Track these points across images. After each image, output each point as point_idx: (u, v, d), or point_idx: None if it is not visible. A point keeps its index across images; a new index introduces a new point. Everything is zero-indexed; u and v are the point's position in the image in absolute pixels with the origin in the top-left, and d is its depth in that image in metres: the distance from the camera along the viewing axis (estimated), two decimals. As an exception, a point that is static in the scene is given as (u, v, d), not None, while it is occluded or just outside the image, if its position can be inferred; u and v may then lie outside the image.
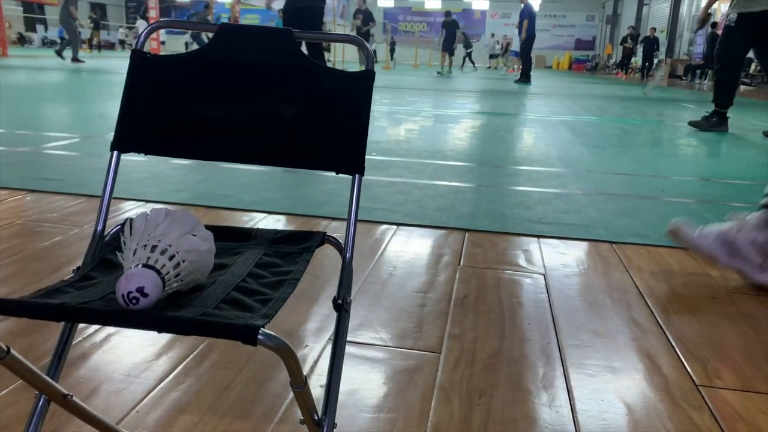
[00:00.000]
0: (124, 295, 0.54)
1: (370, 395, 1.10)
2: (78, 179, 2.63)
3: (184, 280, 0.61)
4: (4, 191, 2.40)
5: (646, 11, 28.81)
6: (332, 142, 0.83)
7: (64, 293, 0.63)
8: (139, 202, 2.33)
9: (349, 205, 0.83)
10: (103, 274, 0.70)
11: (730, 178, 3.24)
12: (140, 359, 1.19)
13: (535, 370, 1.21)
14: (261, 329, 0.52)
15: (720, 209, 2.52)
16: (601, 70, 29.75)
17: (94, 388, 1.09)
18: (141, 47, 0.86)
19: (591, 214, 2.38)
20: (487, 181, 2.92)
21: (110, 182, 0.82)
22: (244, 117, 0.82)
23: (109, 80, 8.94)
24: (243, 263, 0.73)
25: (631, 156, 3.84)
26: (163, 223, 0.60)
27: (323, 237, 0.83)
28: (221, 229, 0.83)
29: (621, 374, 1.21)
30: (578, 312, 1.49)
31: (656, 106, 8.36)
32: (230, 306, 0.61)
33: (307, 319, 1.40)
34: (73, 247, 1.80)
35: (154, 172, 2.81)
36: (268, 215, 2.22)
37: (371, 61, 0.84)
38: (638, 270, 1.80)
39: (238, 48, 0.84)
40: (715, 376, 1.21)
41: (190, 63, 0.85)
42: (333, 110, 0.83)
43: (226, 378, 1.14)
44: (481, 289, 1.61)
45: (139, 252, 0.58)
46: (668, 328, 1.42)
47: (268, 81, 0.83)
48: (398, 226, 2.14)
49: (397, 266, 1.76)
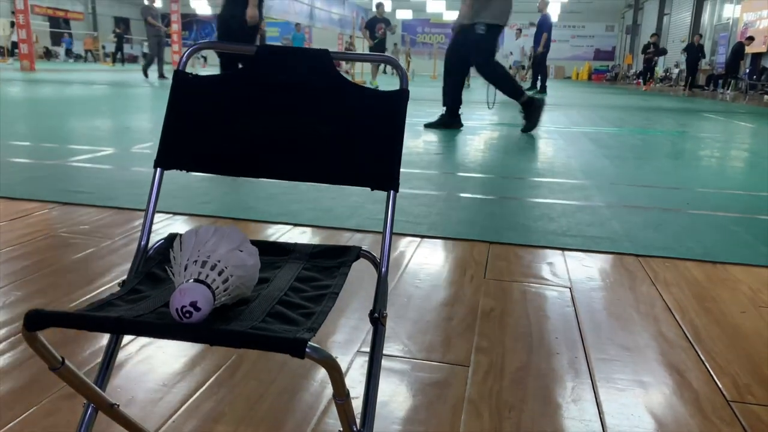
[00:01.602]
0: (178, 309, 0.56)
1: (400, 408, 1.12)
2: (107, 192, 2.69)
3: (232, 294, 0.63)
4: (35, 204, 2.46)
5: (667, 21, 28.61)
6: (368, 160, 0.85)
7: (116, 306, 0.66)
8: (167, 214, 2.37)
9: (384, 220, 0.85)
10: (150, 288, 0.72)
11: (756, 190, 3.21)
12: (174, 370, 1.22)
13: (563, 384, 1.22)
14: (308, 342, 0.54)
15: (748, 222, 2.50)
16: (621, 80, 29.56)
17: (131, 398, 1.12)
18: (183, 68, 0.89)
19: (615, 226, 2.37)
20: (510, 194, 2.93)
21: (153, 198, 0.85)
22: (283, 135, 0.85)
23: (134, 93, 9.11)
24: (284, 277, 0.76)
25: (654, 167, 3.81)
26: (212, 239, 0.63)
27: (359, 252, 0.85)
28: (262, 244, 0.85)
29: (650, 389, 1.21)
30: (605, 326, 1.49)
31: (678, 116, 8.29)
32: (275, 319, 0.63)
33: (336, 330, 1.42)
34: (105, 259, 1.84)
35: (182, 184, 2.86)
36: (294, 227, 2.25)
37: (405, 81, 0.86)
38: (665, 283, 1.79)
39: (276, 68, 0.87)
40: (746, 392, 1.21)
41: (231, 83, 0.88)
42: (368, 128, 0.85)
43: (259, 389, 1.16)
44: (507, 302, 1.62)
45: (190, 267, 0.60)
46: (697, 342, 1.42)
47: (306, 100, 0.86)
48: (422, 239, 2.16)
49: (423, 279, 1.77)
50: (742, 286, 1.79)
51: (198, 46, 0.91)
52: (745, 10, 20.36)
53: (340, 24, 30.62)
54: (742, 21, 20.34)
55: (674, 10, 28.04)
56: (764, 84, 17.52)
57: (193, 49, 0.92)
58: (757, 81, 17.91)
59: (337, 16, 30.03)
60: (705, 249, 2.12)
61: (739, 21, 20.74)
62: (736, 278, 1.85)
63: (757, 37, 18.31)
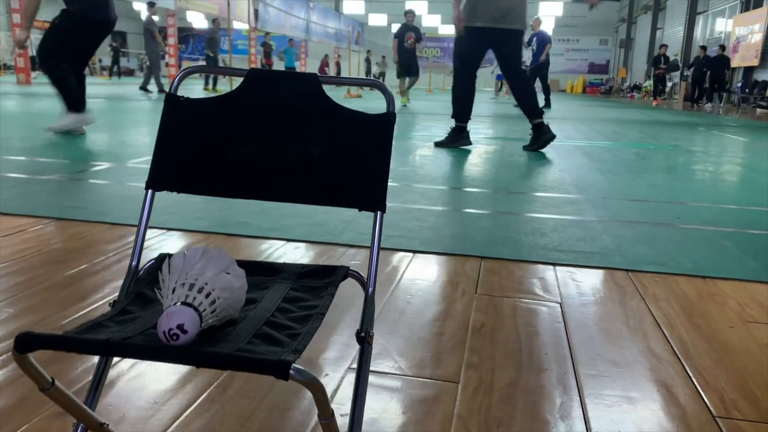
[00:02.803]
0: (165, 332, 0.57)
1: (390, 425, 1.12)
2: (102, 207, 2.70)
3: (219, 316, 0.65)
4: (29, 219, 2.47)
5: (660, 35, 28.90)
6: (355, 181, 0.87)
7: (106, 327, 0.67)
8: (161, 230, 2.39)
9: (371, 241, 0.86)
10: (140, 309, 0.74)
11: (747, 204, 3.24)
12: (166, 387, 1.23)
13: (552, 400, 1.23)
14: (292, 365, 0.55)
15: (738, 236, 2.52)
16: (615, 93, 29.78)
17: (122, 416, 1.12)
18: (174, 91, 0.91)
19: (606, 241, 2.39)
20: (503, 208, 2.95)
21: (145, 219, 0.87)
22: (272, 157, 0.87)
23: (131, 107, 9.14)
24: (271, 298, 0.77)
25: (647, 182, 3.85)
26: (199, 263, 0.64)
27: (347, 271, 0.87)
28: (250, 264, 0.86)
29: (638, 405, 1.22)
30: (595, 341, 1.51)
31: (671, 130, 8.36)
32: (262, 341, 0.64)
33: (327, 347, 1.43)
34: (99, 275, 1.85)
35: (176, 200, 2.87)
36: (287, 243, 2.27)
37: (392, 104, 0.88)
38: (654, 299, 1.81)
39: (266, 92, 0.89)
40: (732, 407, 1.22)
41: (221, 106, 0.90)
42: (356, 150, 0.87)
43: (250, 406, 1.16)
44: (498, 318, 1.63)
45: (178, 290, 0.62)
46: (685, 358, 1.43)
47: (296, 123, 0.88)
48: (414, 254, 2.17)
49: (415, 294, 1.78)
50: (730, 301, 1.81)
51: (189, 70, 0.93)
52: (737, 25, 20.60)
53: (336, 38, 30.81)
54: (734, 35, 20.57)
55: (667, 25, 28.35)
56: (756, 97, 17.69)
57: (185, 72, 0.93)
58: (749, 94, 18.09)
59: (332, 30, 30.23)
60: (695, 264, 2.14)
61: (731, 35, 20.97)
62: (725, 293, 1.87)
63: (749, 51, 18.49)
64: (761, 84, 17.99)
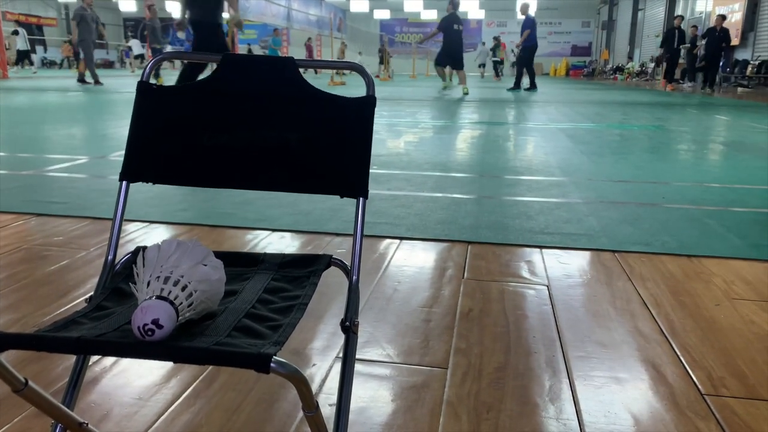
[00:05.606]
0: (139, 327, 0.55)
1: (378, 413, 1.11)
2: (82, 202, 2.65)
3: (197, 309, 0.63)
4: (9, 216, 2.42)
5: (641, 16, 28.97)
6: (336, 167, 0.84)
7: (80, 324, 0.65)
8: (144, 223, 2.35)
9: (354, 228, 0.84)
10: (116, 304, 0.71)
11: (730, 182, 3.26)
12: (150, 382, 1.20)
13: (541, 383, 1.22)
14: (273, 357, 0.54)
15: (721, 215, 2.54)
16: (598, 75, 29.87)
17: (105, 413, 1.10)
18: (146, 79, 0.88)
19: (592, 223, 2.39)
20: (488, 192, 2.94)
21: (119, 212, 0.84)
22: (250, 144, 0.84)
23: (109, 99, 9.00)
24: (252, 289, 0.75)
25: (631, 162, 3.85)
26: (174, 255, 0.62)
27: (329, 260, 0.85)
28: (230, 255, 0.84)
29: (627, 385, 1.22)
30: (582, 323, 1.50)
31: (655, 111, 8.39)
32: (242, 334, 0.63)
33: (314, 337, 1.41)
34: (80, 270, 1.81)
35: (158, 192, 2.83)
36: (272, 233, 2.24)
37: (372, 87, 0.86)
38: (641, 278, 1.81)
39: (241, 77, 0.86)
40: (720, 385, 1.22)
41: (195, 93, 0.87)
42: (336, 136, 0.85)
43: (236, 400, 1.15)
44: (486, 302, 1.62)
45: (153, 284, 0.60)
46: (672, 336, 1.43)
47: (272, 109, 0.85)
48: (401, 240, 2.16)
49: (402, 281, 1.77)
50: (716, 279, 1.82)
51: (162, 56, 0.90)
52: (717, 4, 20.67)
53: (318, 25, 30.52)
54: (715, 14, 20.64)
55: (648, 5, 28.40)
56: (737, 76, 17.80)
57: (157, 59, 0.90)
58: (730, 74, 18.19)
59: (314, 17, 29.94)
60: (680, 243, 2.15)
61: (711, 15, 21.04)
62: (710, 271, 1.88)
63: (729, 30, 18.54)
64: (742, 63, 18.09)
